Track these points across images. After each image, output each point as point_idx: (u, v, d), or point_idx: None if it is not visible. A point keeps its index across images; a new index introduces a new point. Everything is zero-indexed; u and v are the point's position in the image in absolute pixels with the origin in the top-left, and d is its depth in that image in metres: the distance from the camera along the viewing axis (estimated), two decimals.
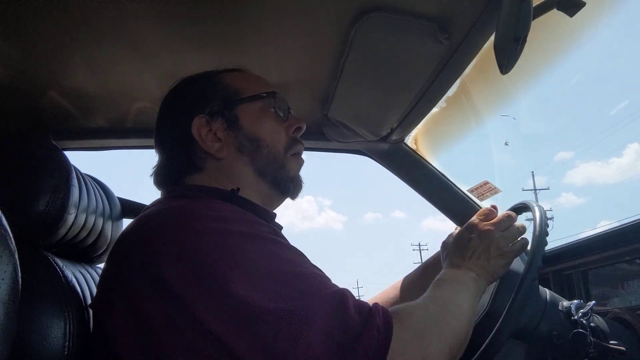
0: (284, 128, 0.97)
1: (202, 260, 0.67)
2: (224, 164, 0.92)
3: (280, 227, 0.96)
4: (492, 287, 1.03)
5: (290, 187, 0.97)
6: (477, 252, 0.89)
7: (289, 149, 0.97)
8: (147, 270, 0.69)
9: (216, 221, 0.73)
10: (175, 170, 0.94)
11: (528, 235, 0.98)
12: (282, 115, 0.97)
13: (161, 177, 0.96)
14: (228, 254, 0.68)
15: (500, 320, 0.86)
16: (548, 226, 0.94)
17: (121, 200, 1.30)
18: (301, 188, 1.00)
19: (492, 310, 1.00)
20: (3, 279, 0.44)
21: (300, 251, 0.77)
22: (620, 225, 1.15)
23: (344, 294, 0.68)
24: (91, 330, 0.88)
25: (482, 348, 0.85)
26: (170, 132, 0.96)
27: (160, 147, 0.98)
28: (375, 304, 0.70)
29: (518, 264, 1.03)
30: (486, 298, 1.03)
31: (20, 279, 0.47)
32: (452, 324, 0.74)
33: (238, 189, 0.88)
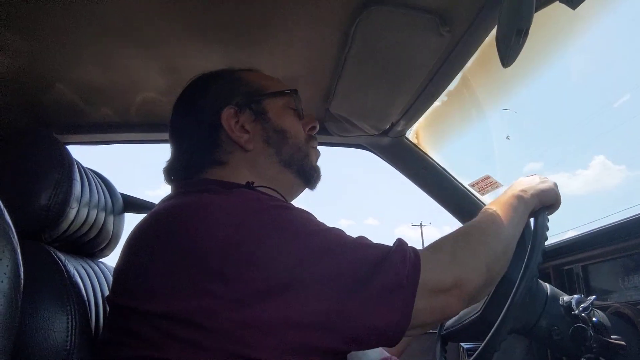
0: (301, 125, 1.00)
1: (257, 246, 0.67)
2: (251, 155, 0.92)
3: None
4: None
5: (313, 175, 0.99)
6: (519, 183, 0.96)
7: (309, 142, 1.00)
8: (198, 260, 0.67)
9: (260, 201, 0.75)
10: (196, 164, 0.92)
11: (527, 232, 0.98)
12: (300, 113, 1.00)
13: (176, 171, 0.94)
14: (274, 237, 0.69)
15: (500, 317, 0.86)
16: (548, 221, 0.94)
17: (123, 195, 1.30)
18: (320, 178, 1.01)
19: (489, 308, 1.00)
20: (5, 273, 0.44)
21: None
22: (621, 220, 1.15)
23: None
24: (97, 324, 0.89)
25: (482, 345, 0.85)
26: (194, 125, 0.94)
27: (178, 141, 0.96)
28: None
29: (519, 259, 1.03)
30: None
31: (22, 273, 0.47)
32: (488, 243, 0.78)
33: (253, 183, 0.87)
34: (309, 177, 0.99)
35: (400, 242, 0.72)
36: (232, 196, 0.76)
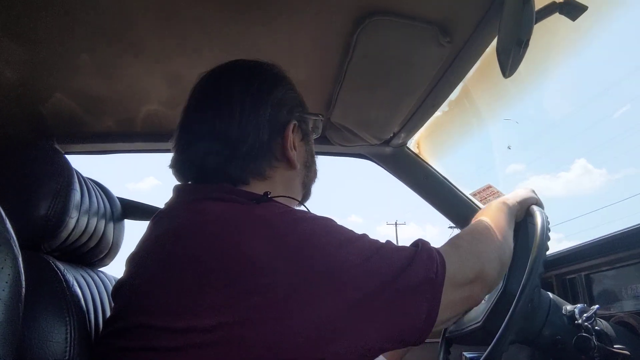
0: None
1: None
2: (291, 175, 0.87)
3: None
4: (494, 293, 1.03)
5: (308, 196, 0.98)
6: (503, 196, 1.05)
7: None
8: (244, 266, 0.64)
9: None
10: (234, 168, 0.80)
11: (529, 240, 0.98)
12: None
13: (198, 170, 0.83)
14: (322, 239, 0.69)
15: (501, 328, 0.85)
16: (550, 231, 0.94)
17: (122, 200, 1.28)
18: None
19: (491, 317, 0.99)
20: (7, 282, 0.43)
21: None
22: (625, 229, 1.15)
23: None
24: (97, 334, 0.88)
25: (484, 356, 0.85)
26: (253, 121, 0.82)
27: (222, 138, 0.81)
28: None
29: (522, 269, 1.03)
30: (488, 304, 1.02)
31: (23, 283, 0.47)
32: (496, 237, 0.86)
33: (269, 193, 0.78)
34: (307, 198, 0.98)
35: (423, 242, 0.76)
36: (264, 208, 0.73)
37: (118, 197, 1.27)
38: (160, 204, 1.20)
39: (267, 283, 0.63)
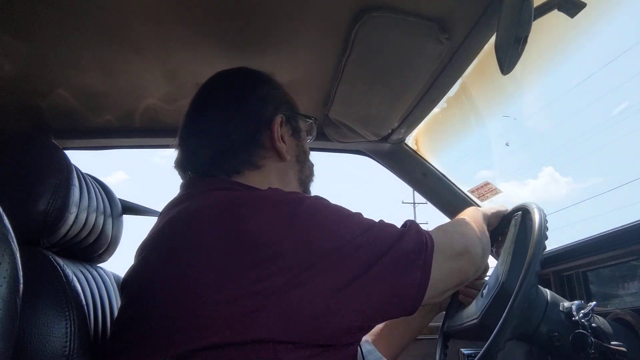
0: None
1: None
2: (284, 166, 0.94)
3: None
4: (491, 290, 1.03)
5: (309, 193, 1.05)
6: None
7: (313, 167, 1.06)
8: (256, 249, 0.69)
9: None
10: (228, 160, 0.89)
11: (527, 238, 0.98)
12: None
13: (199, 165, 0.90)
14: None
15: (498, 325, 0.86)
16: (547, 229, 0.94)
17: (122, 201, 1.30)
18: None
19: (489, 313, 0.99)
20: (4, 277, 0.44)
21: None
22: (622, 226, 1.15)
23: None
24: (96, 329, 0.88)
25: (481, 352, 0.85)
26: (238, 119, 0.91)
27: (210, 132, 0.91)
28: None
29: (519, 267, 1.03)
30: (486, 300, 1.03)
31: (21, 278, 0.47)
32: (473, 227, 0.96)
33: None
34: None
35: (411, 221, 0.83)
36: (268, 191, 0.79)
37: (119, 199, 1.27)
38: (129, 198, 1.24)
39: (277, 256, 0.68)
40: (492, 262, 1.08)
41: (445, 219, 1.79)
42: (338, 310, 0.70)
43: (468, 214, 1.05)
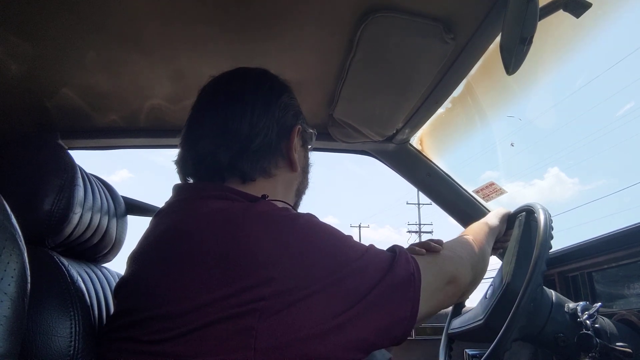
0: None
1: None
2: (291, 177, 0.92)
3: None
4: (496, 291, 1.03)
5: (298, 206, 1.02)
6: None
7: None
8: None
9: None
10: (243, 165, 0.84)
11: (531, 239, 0.98)
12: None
13: (206, 168, 0.85)
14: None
15: (504, 326, 0.85)
16: (552, 229, 0.94)
17: (125, 199, 1.30)
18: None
19: (494, 315, 0.99)
20: (12, 277, 0.44)
21: None
22: (627, 227, 1.15)
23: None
24: (101, 329, 0.88)
25: (486, 353, 0.85)
26: (264, 122, 0.86)
27: (236, 134, 0.84)
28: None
29: (524, 267, 1.03)
30: (491, 301, 1.02)
31: (29, 278, 0.47)
32: (469, 250, 0.94)
33: (267, 196, 0.83)
34: (297, 206, 1.01)
35: (399, 247, 0.81)
36: (262, 205, 0.75)
37: (122, 196, 1.28)
38: (133, 195, 1.22)
39: (271, 277, 0.65)
40: (496, 262, 1.08)
41: (450, 220, 1.79)
42: (327, 336, 0.67)
43: (472, 231, 1.04)
